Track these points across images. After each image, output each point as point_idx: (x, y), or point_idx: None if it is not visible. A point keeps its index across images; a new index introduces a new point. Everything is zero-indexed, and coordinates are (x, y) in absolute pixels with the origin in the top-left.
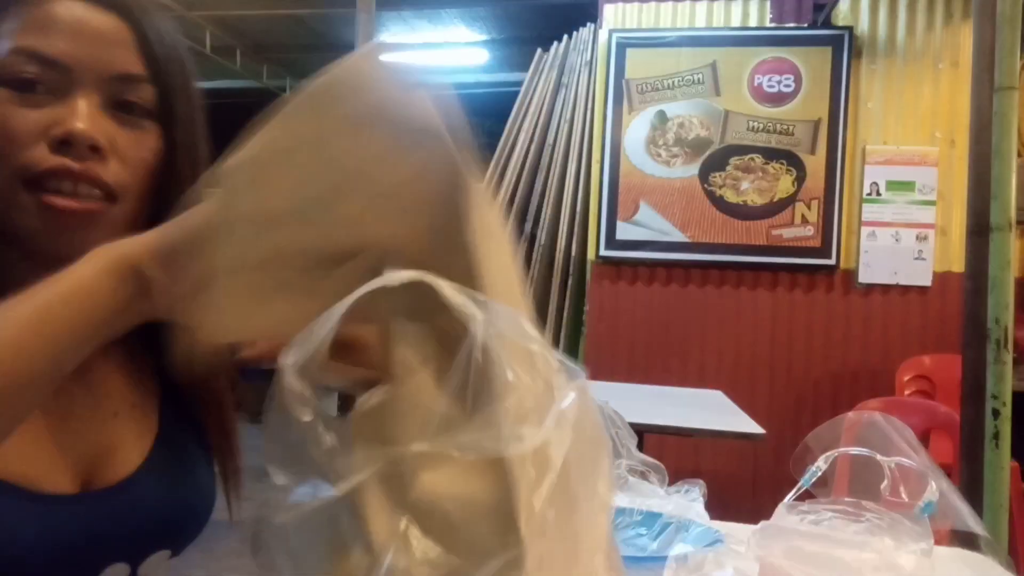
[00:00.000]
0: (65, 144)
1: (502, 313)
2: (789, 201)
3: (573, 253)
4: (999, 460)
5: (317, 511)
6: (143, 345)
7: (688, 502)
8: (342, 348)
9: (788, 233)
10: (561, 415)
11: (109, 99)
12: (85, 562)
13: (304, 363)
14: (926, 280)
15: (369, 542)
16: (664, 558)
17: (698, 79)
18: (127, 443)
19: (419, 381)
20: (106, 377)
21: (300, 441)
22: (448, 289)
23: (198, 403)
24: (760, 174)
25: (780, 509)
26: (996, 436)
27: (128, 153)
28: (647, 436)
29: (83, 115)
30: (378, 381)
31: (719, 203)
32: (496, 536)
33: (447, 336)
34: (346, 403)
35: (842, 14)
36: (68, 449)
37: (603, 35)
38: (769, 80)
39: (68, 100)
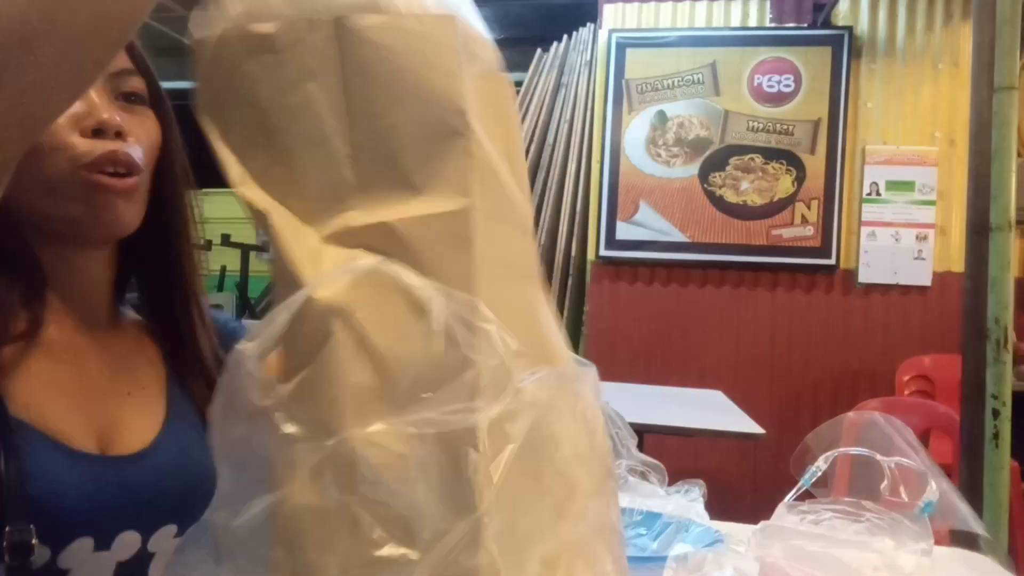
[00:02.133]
0: (97, 132)
1: (459, 298)
2: (789, 201)
3: (573, 253)
4: (999, 460)
5: (273, 507)
6: (153, 332)
7: (688, 502)
8: None
9: (788, 233)
10: (519, 392)
11: (113, 91)
12: (104, 522)
13: (263, 350)
14: (926, 280)
15: (328, 533)
16: (664, 558)
17: (698, 79)
18: (137, 421)
19: (375, 361)
20: (120, 358)
21: (250, 432)
22: (406, 274)
23: (200, 389)
24: (760, 174)
25: (780, 509)
26: (996, 436)
27: (140, 135)
28: (647, 436)
29: (106, 106)
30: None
31: (719, 203)
32: (452, 510)
33: (402, 320)
34: None
35: (842, 14)
36: (89, 417)
37: (603, 35)
38: (769, 80)
39: (85, 95)
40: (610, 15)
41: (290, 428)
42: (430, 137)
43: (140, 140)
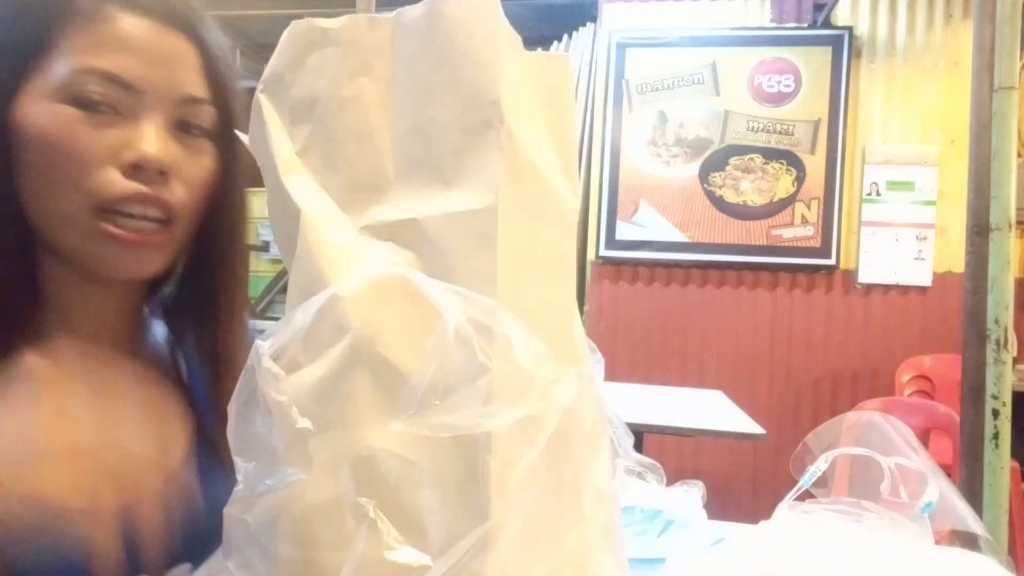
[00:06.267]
0: (136, 168)
1: (478, 303)
2: (789, 201)
3: None
4: (999, 460)
5: (286, 503)
6: (179, 357)
7: (688, 502)
8: None
9: (788, 233)
10: (544, 397)
11: (173, 120)
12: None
13: (280, 348)
14: (926, 280)
15: (339, 531)
16: (664, 558)
17: (698, 79)
18: (160, 457)
19: (391, 364)
20: (141, 389)
21: (267, 428)
22: (425, 280)
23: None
24: (760, 174)
25: (780, 509)
26: (996, 436)
27: (188, 174)
28: (647, 436)
29: (152, 139)
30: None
31: (719, 203)
32: (465, 517)
33: (419, 325)
34: None
35: (842, 14)
36: (106, 465)
37: (603, 35)
38: (769, 80)
39: (135, 122)
40: (610, 15)
41: (305, 423)
42: (463, 129)
43: (187, 180)
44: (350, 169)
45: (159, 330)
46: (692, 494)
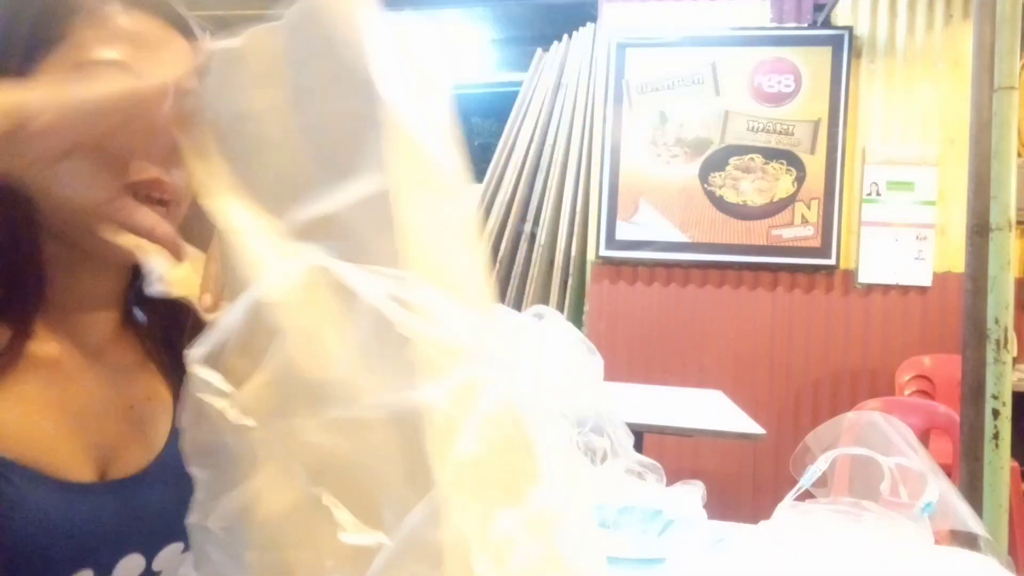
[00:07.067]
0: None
1: (393, 278)
2: (789, 201)
3: (573, 253)
4: (999, 460)
5: (243, 506)
6: (158, 338)
7: (688, 502)
8: None
9: (788, 233)
10: (477, 363)
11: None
12: (103, 551)
13: (212, 353)
14: (926, 280)
15: (298, 525)
16: (664, 558)
17: (698, 79)
18: (141, 436)
19: (321, 352)
20: (125, 368)
21: (213, 432)
22: (339, 265)
23: None
24: (760, 174)
25: (780, 509)
26: (996, 436)
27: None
28: (647, 436)
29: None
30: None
31: (719, 203)
32: (413, 489)
33: (340, 310)
34: None
35: (842, 14)
36: (86, 440)
37: (603, 35)
38: (769, 80)
39: None
40: (610, 15)
41: (248, 422)
42: (352, 117)
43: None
44: (270, 179)
45: (140, 313)
46: (692, 494)
